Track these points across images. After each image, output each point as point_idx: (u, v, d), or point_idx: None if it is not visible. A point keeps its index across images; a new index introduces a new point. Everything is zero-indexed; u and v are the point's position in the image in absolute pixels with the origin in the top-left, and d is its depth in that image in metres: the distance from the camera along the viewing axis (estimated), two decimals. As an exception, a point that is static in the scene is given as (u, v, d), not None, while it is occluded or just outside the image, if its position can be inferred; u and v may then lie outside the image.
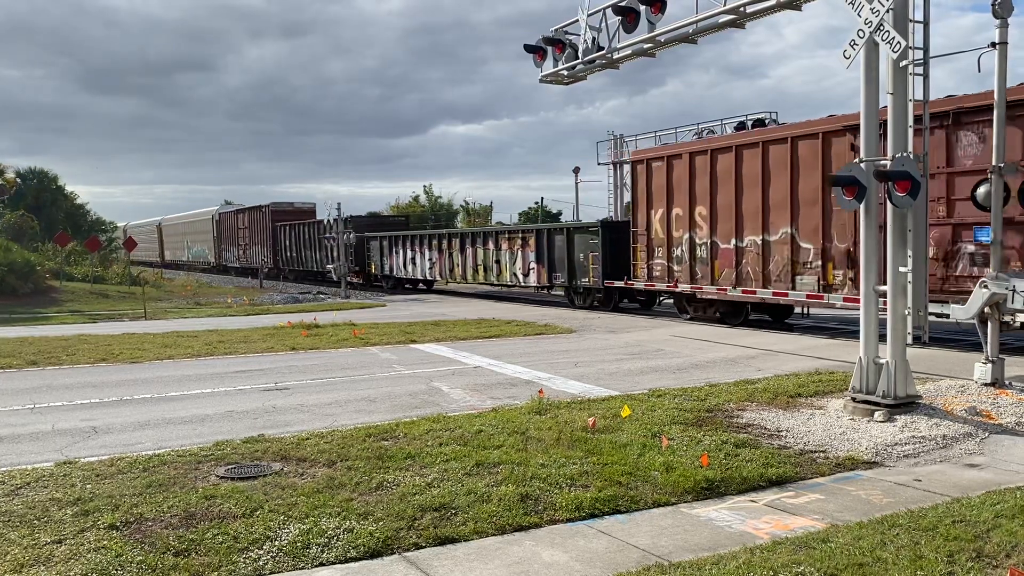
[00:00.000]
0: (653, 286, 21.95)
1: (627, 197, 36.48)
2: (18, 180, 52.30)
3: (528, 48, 14.66)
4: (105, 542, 5.56)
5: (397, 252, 36.52)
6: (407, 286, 38.37)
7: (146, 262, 74.84)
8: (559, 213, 61.77)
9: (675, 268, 21.03)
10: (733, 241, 19.14)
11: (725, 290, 19.34)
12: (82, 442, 8.72)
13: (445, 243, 32.90)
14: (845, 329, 18.51)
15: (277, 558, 5.36)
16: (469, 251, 31.25)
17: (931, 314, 9.93)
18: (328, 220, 39.00)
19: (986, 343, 10.37)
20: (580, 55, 13.73)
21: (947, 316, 12.70)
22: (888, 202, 9.02)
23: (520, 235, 28.57)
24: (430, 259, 33.77)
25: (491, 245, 29.92)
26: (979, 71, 10.36)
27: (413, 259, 35.18)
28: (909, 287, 9.03)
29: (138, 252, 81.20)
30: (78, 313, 25.83)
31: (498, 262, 29.46)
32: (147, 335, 18.40)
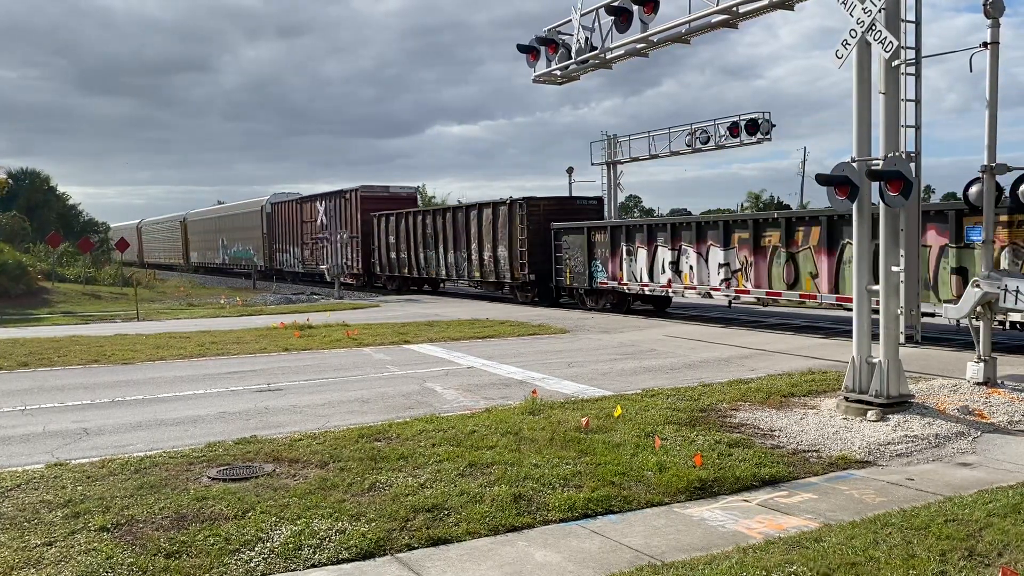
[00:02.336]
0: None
1: (622, 196, 36.64)
2: (10, 181, 52.08)
3: (521, 48, 14.66)
4: (96, 544, 5.53)
5: (632, 250, 22.34)
6: (639, 306, 24.24)
7: (163, 265, 65.35)
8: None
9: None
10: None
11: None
12: (73, 444, 8.67)
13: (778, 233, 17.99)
14: (836, 329, 18.53)
15: (269, 559, 5.33)
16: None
17: (923, 314, 9.96)
18: (454, 203, 33.11)
19: (978, 342, 10.40)
20: (573, 55, 13.74)
21: (938, 315, 12.73)
22: (880, 202, 9.03)
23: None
24: (726, 263, 19.38)
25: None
26: (971, 71, 10.39)
27: (676, 263, 20.87)
28: (901, 287, 9.05)
29: (155, 254, 73.21)
30: (70, 314, 25.72)
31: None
32: (139, 336, 18.33)
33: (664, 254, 21.44)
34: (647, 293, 22.24)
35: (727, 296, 19.76)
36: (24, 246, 38.24)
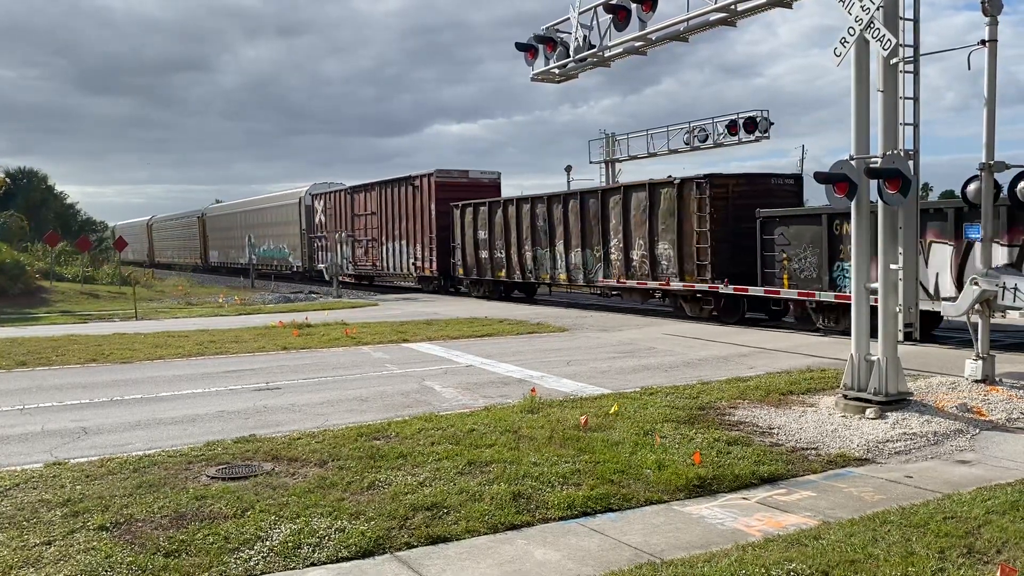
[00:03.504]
0: None
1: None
2: (8, 180, 52.05)
3: (519, 46, 14.65)
4: (95, 543, 5.53)
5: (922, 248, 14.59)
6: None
7: (178, 265, 61.14)
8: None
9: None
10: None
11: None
12: (72, 443, 8.66)
13: None
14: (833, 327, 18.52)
15: (268, 558, 5.33)
16: None
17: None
18: (585, 187, 26.22)
19: (977, 340, 10.41)
20: (571, 53, 13.72)
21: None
22: (879, 200, 9.04)
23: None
24: None
25: None
26: (969, 69, 10.39)
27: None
28: (900, 284, 9.05)
29: (167, 253, 68.65)
30: (68, 313, 25.69)
31: None
32: (138, 335, 18.32)
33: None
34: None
35: None
36: (22, 245, 38.22)
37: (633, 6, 12.21)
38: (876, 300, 9.27)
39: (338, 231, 37.57)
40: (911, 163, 8.95)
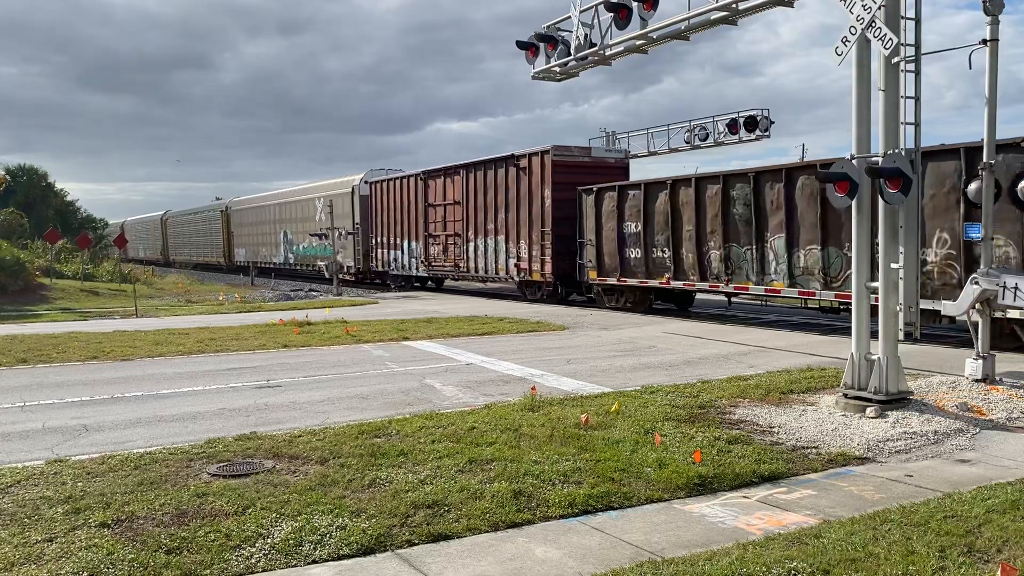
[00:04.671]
0: None
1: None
2: (7, 177, 52.05)
3: (520, 45, 14.66)
4: (96, 540, 5.53)
5: None
6: None
7: (195, 264, 56.42)
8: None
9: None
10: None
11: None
12: (73, 440, 8.67)
13: None
14: (836, 326, 18.53)
15: (270, 556, 5.34)
16: None
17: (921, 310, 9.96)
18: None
19: (977, 339, 10.41)
20: (572, 52, 13.73)
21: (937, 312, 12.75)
22: (880, 199, 9.04)
23: None
24: None
25: None
26: (970, 68, 10.39)
27: None
28: (900, 283, 9.06)
29: (183, 250, 62.42)
30: (68, 311, 25.71)
31: None
32: (138, 333, 18.32)
33: None
34: None
35: None
36: (22, 242, 38.20)
37: (634, 5, 12.23)
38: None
39: (399, 224, 32.58)
40: (912, 162, 8.95)
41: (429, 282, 34.30)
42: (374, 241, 35.40)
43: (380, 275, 35.50)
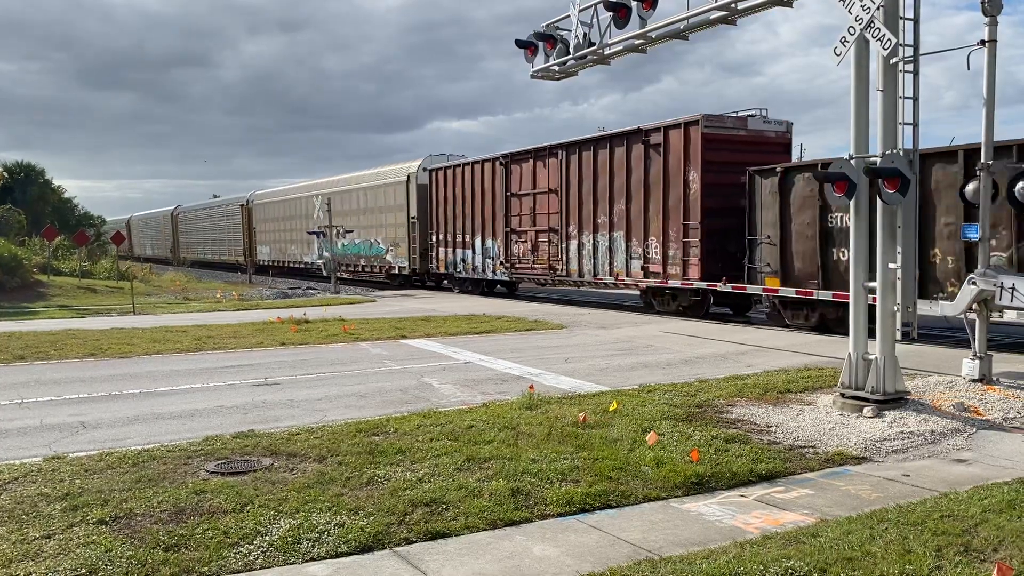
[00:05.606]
0: None
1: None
2: (5, 175, 51.96)
3: (519, 43, 14.65)
4: (94, 537, 5.53)
5: None
6: None
7: (212, 263, 53.19)
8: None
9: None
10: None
11: None
12: (70, 437, 8.67)
13: None
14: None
15: (268, 553, 5.34)
16: None
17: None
18: None
19: (974, 339, 10.43)
20: (571, 51, 13.72)
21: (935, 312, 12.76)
22: (878, 199, 9.06)
23: None
24: None
25: None
26: (968, 68, 10.41)
27: None
28: (898, 283, 9.08)
29: (195, 248, 58.41)
30: (66, 308, 25.69)
31: None
32: (135, 330, 18.31)
33: None
34: None
35: None
36: (19, 239, 38.16)
37: (633, 4, 12.22)
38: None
39: (469, 219, 27.65)
40: (910, 162, 8.97)
41: (498, 286, 29.54)
42: (434, 238, 30.73)
43: (442, 277, 31.24)
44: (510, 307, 23.98)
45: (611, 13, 12.63)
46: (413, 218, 32.00)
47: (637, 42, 12.71)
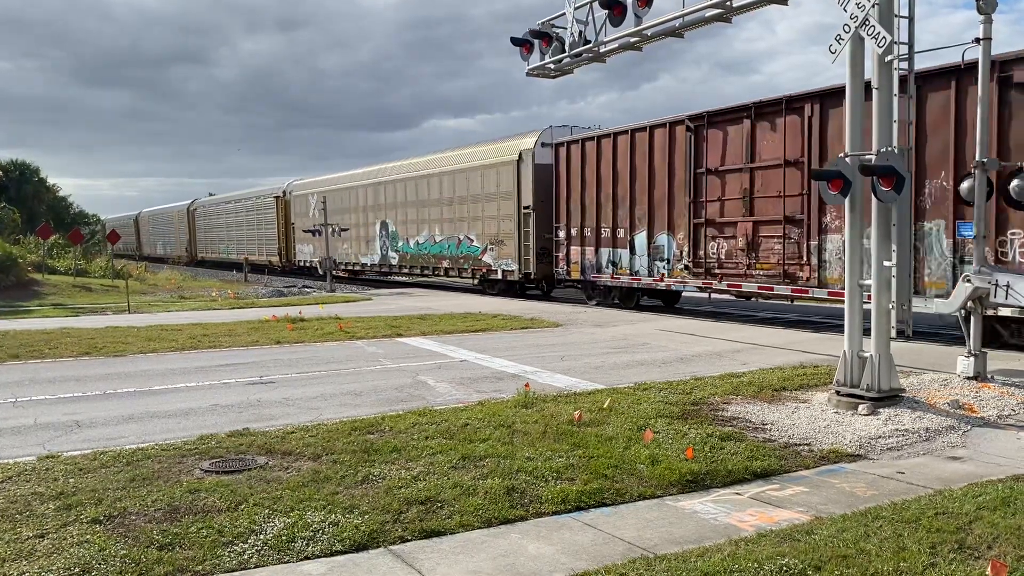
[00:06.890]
0: None
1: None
2: (0, 173, 51.83)
3: (515, 41, 14.62)
4: (88, 536, 5.52)
5: None
6: None
7: (231, 263, 46.98)
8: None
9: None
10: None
11: None
12: (64, 436, 8.64)
13: None
14: (827, 323, 18.58)
15: (262, 551, 5.33)
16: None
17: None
18: None
19: (969, 337, 10.45)
20: (567, 48, 13.71)
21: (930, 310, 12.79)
22: (873, 196, 9.07)
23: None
24: None
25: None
26: (963, 67, 10.42)
27: None
28: (893, 281, 9.09)
29: (217, 247, 50.94)
30: (60, 306, 25.62)
31: None
32: (131, 328, 18.27)
33: None
34: None
35: None
36: (14, 238, 38.09)
37: (629, 1, 12.21)
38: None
39: (623, 207, 21.29)
40: (905, 160, 8.98)
41: (646, 297, 22.79)
42: (562, 234, 23.78)
43: (577, 284, 24.09)
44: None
45: (607, 11, 12.62)
46: (527, 208, 25.03)
47: (633, 40, 12.70)
